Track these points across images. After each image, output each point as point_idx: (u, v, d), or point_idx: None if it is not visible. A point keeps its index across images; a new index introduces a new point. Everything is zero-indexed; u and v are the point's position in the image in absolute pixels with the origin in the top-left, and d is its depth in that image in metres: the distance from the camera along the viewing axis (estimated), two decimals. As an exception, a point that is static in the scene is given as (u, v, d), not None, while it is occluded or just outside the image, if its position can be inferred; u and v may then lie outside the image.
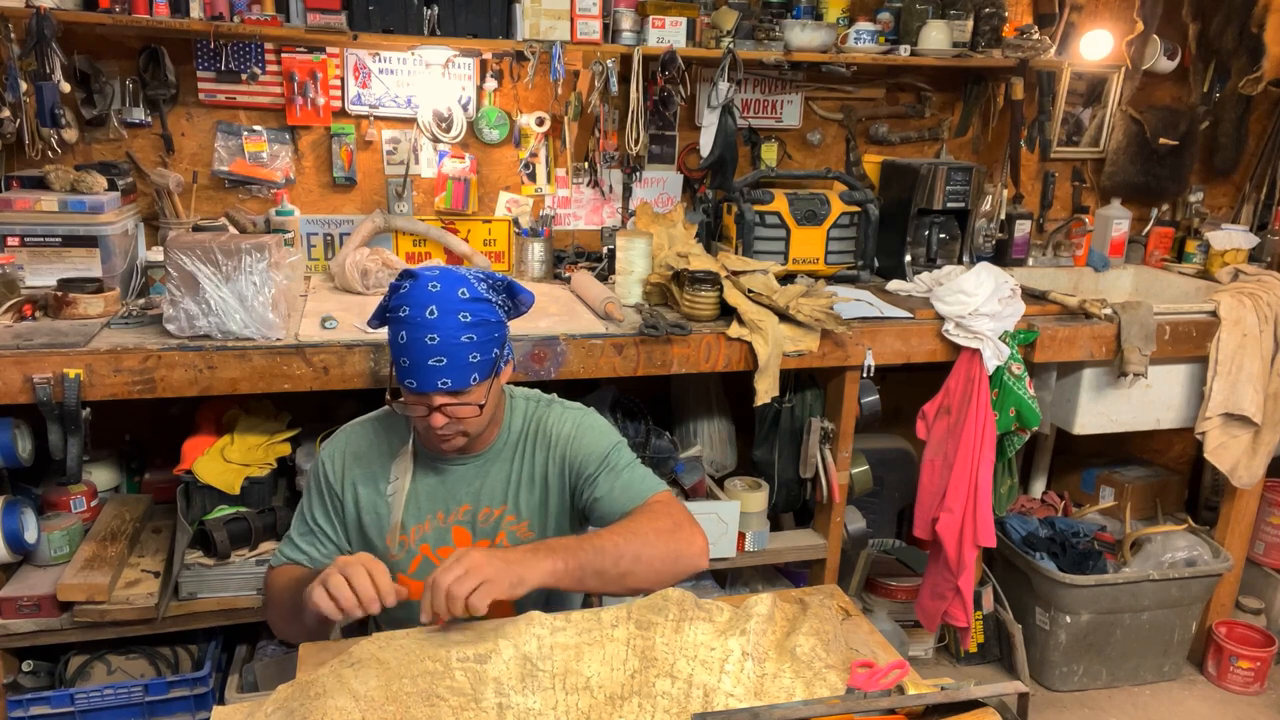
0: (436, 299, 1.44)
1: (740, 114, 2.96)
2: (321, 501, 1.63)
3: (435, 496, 1.61)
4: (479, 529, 1.62)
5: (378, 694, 1.16)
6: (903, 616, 2.94)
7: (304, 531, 1.63)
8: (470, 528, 1.62)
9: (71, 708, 2.12)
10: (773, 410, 2.55)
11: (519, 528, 1.63)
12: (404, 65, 2.69)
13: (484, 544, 1.61)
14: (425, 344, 1.43)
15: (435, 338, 1.43)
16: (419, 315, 1.44)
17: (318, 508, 1.63)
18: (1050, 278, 3.17)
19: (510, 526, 1.63)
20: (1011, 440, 2.59)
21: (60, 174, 2.28)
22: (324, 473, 1.62)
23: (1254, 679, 2.92)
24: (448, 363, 1.44)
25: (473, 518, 1.62)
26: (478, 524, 1.62)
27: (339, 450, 1.64)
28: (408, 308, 1.45)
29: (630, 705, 1.18)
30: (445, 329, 1.44)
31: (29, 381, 1.90)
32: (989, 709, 1.13)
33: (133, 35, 2.47)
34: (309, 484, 1.65)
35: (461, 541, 1.61)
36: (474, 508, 1.62)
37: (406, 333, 1.44)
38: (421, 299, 1.44)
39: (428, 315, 1.43)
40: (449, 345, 1.44)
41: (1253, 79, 3.24)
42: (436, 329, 1.43)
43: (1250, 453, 2.77)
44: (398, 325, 1.46)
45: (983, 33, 2.94)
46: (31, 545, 2.12)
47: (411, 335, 1.44)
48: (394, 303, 1.47)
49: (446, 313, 1.44)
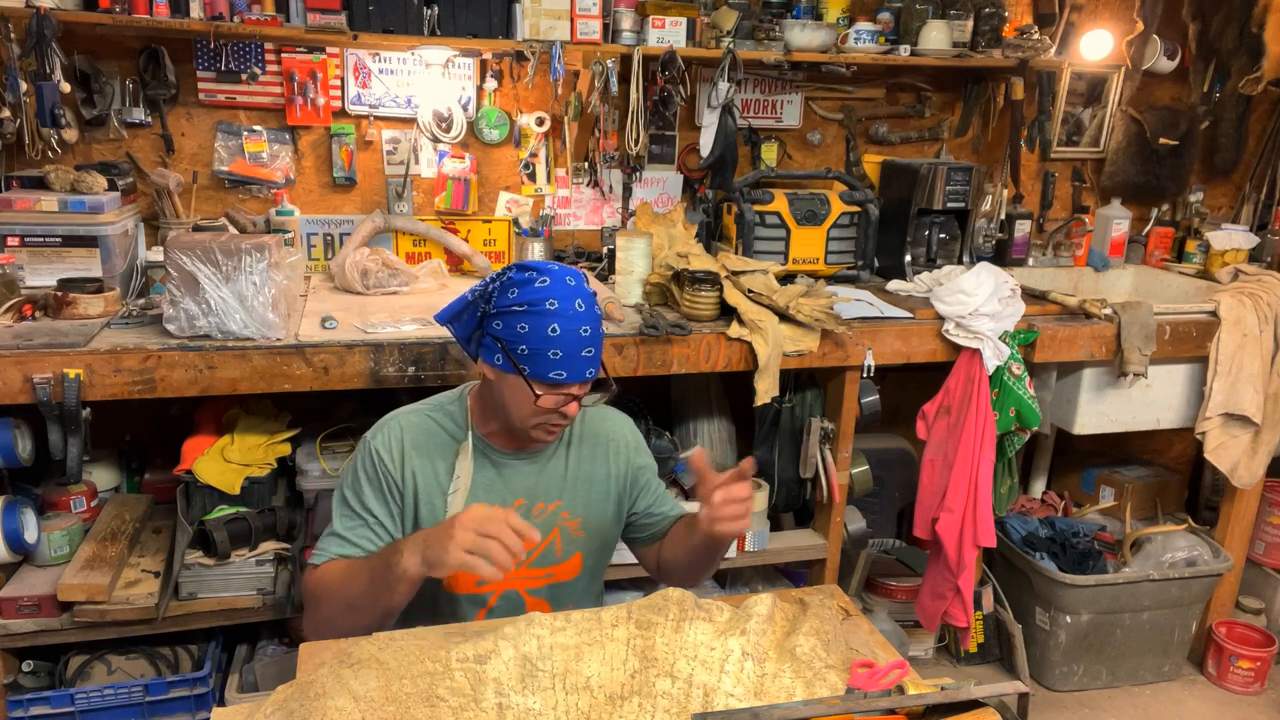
0: (579, 293, 1.49)
1: (740, 114, 2.96)
2: (378, 491, 1.59)
3: (492, 491, 1.62)
4: (532, 523, 1.59)
5: (377, 694, 1.16)
6: (903, 616, 2.94)
7: (354, 525, 1.58)
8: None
9: (71, 708, 2.12)
10: (773, 410, 2.55)
11: (572, 524, 1.67)
12: (404, 65, 2.69)
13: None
14: (580, 336, 1.48)
15: (588, 329, 1.49)
16: (569, 308, 1.47)
17: (373, 498, 1.59)
18: (1050, 278, 3.17)
19: (564, 522, 1.66)
20: (1011, 440, 2.59)
21: (60, 174, 2.28)
22: (381, 462, 1.59)
23: (1254, 679, 2.92)
24: (594, 353, 1.51)
25: (527, 511, 1.63)
26: (532, 518, 1.62)
27: (395, 440, 1.61)
28: (555, 300, 1.46)
29: (630, 705, 1.18)
30: (593, 321, 1.50)
31: (29, 381, 1.90)
32: (989, 709, 1.13)
33: (133, 35, 2.47)
34: (357, 475, 1.61)
35: None
36: (529, 502, 1.64)
37: (560, 325, 1.46)
38: (566, 292, 1.47)
39: (577, 308, 1.48)
40: (596, 336, 1.50)
41: (1253, 79, 3.24)
42: (588, 321, 1.49)
43: (1250, 453, 2.77)
44: (546, 318, 1.46)
45: (983, 33, 2.94)
46: (31, 545, 2.12)
47: (566, 327, 1.46)
48: (532, 295, 1.46)
49: (590, 305, 1.50)
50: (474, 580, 1.60)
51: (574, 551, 1.67)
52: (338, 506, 1.62)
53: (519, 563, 1.56)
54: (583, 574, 1.69)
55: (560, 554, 1.66)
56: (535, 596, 1.65)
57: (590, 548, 1.70)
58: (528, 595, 1.65)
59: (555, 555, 1.66)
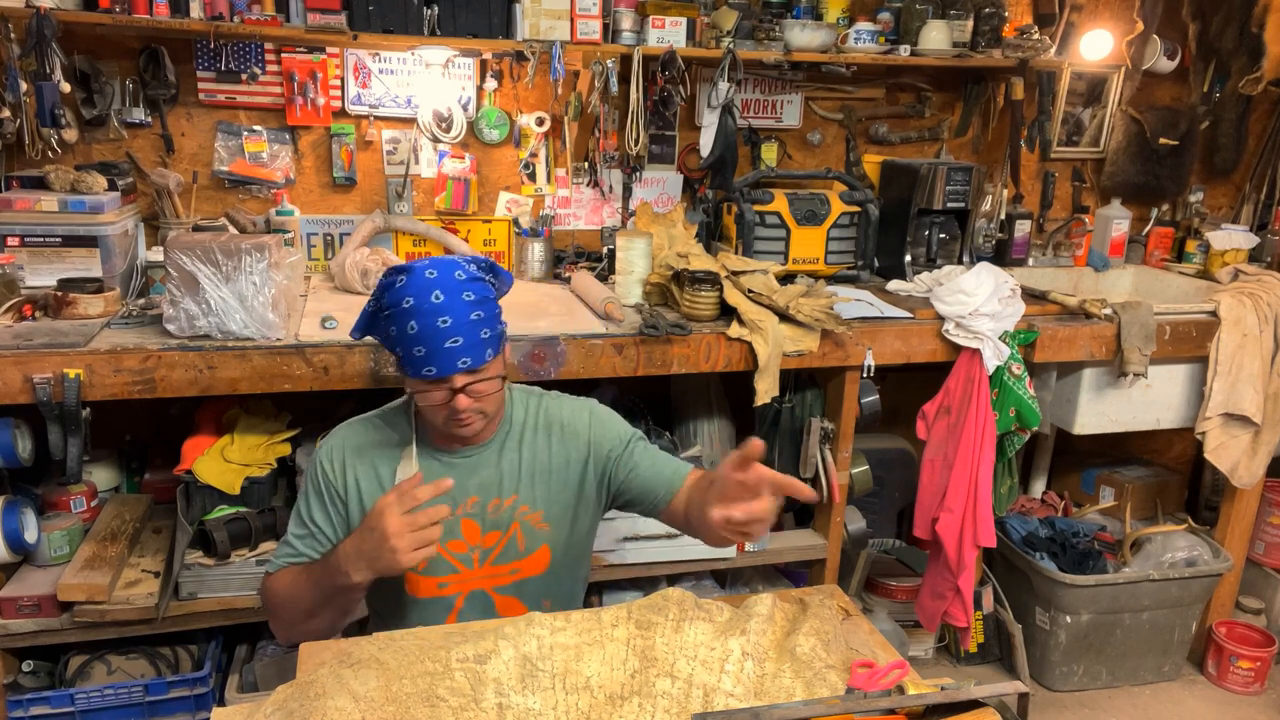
0: (438, 284, 1.46)
1: (740, 114, 2.96)
2: (320, 502, 1.61)
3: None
4: (489, 520, 1.62)
5: (377, 694, 1.16)
6: (903, 616, 2.94)
7: (303, 534, 1.61)
8: (479, 520, 1.62)
9: (71, 708, 2.12)
10: (773, 410, 2.55)
11: (533, 517, 1.64)
12: (404, 65, 2.69)
13: (494, 535, 1.62)
14: (439, 328, 1.44)
15: (447, 320, 1.45)
16: (425, 302, 1.44)
17: (316, 509, 1.61)
18: (1050, 278, 3.17)
19: (524, 516, 1.63)
20: (1011, 440, 2.59)
21: (60, 174, 2.28)
22: (322, 472, 1.62)
23: (1254, 679, 2.92)
24: (464, 341, 1.46)
25: (482, 509, 1.61)
26: (487, 515, 1.62)
27: (336, 448, 1.63)
28: (411, 298, 1.45)
29: (630, 705, 1.18)
30: (455, 310, 1.45)
31: (29, 381, 1.90)
32: (989, 709, 1.13)
33: (133, 35, 2.47)
34: (305, 486, 1.64)
35: (471, 534, 1.61)
36: (483, 499, 1.62)
37: (417, 321, 1.44)
38: (424, 286, 1.45)
39: (434, 300, 1.44)
40: (462, 324, 1.46)
41: (1253, 79, 3.24)
42: (447, 311, 1.45)
43: (1250, 453, 2.77)
44: (404, 317, 1.45)
45: (983, 33, 2.94)
46: (31, 545, 2.12)
47: (423, 323, 1.44)
48: (392, 298, 1.47)
49: (452, 294, 1.46)
50: (435, 583, 1.60)
51: (538, 544, 1.64)
52: (293, 514, 1.65)
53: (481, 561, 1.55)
54: (551, 567, 1.66)
55: (523, 548, 1.63)
56: (504, 595, 1.64)
57: (557, 539, 1.66)
58: (495, 594, 1.64)
59: (518, 550, 1.63)
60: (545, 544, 1.65)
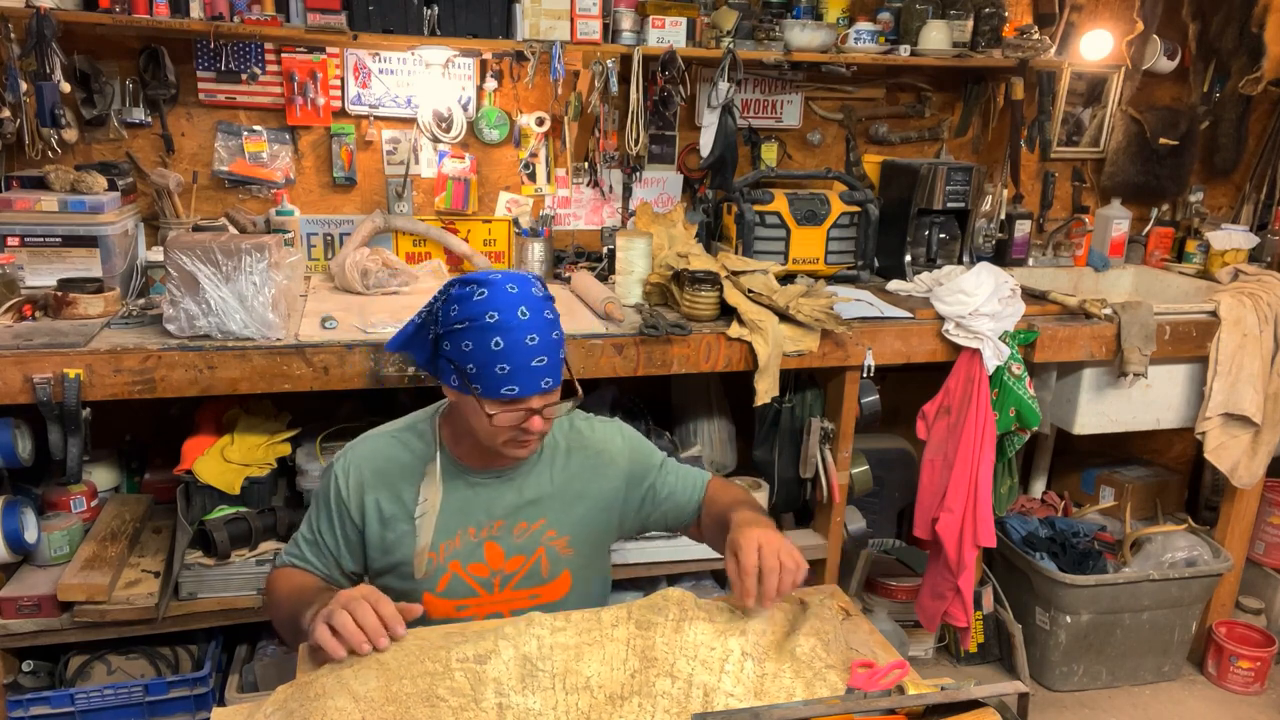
0: (522, 300, 1.40)
1: (740, 114, 2.96)
2: (328, 517, 1.57)
3: (466, 511, 1.54)
4: (514, 544, 1.56)
5: (377, 694, 1.16)
6: (903, 616, 2.94)
7: (310, 540, 1.58)
8: (504, 543, 1.55)
9: (71, 708, 2.12)
10: (773, 410, 2.54)
11: (559, 542, 1.58)
12: (404, 65, 2.69)
13: (518, 560, 1.56)
14: (527, 346, 1.38)
15: (535, 338, 1.39)
16: (511, 318, 1.38)
17: (323, 522, 1.57)
18: (1050, 278, 3.17)
19: (550, 541, 1.57)
20: (1011, 440, 2.59)
21: (60, 174, 2.28)
22: (335, 489, 1.56)
23: (1254, 679, 2.92)
24: (549, 361, 1.41)
25: (508, 532, 1.55)
26: (513, 538, 1.55)
27: (354, 466, 1.56)
28: (496, 312, 1.37)
29: (630, 705, 1.18)
30: (540, 327, 1.40)
31: (29, 381, 1.90)
32: (989, 709, 1.13)
33: (133, 35, 2.47)
34: (318, 494, 1.60)
35: (494, 557, 1.55)
36: (509, 522, 1.55)
37: (504, 338, 1.37)
38: (508, 301, 1.39)
39: (520, 316, 1.38)
40: (547, 344, 1.41)
41: (1253, 79, 3.24)
42: (534, 329, 1.39)
43: (1250, 453, 2.77)
44: (487, 332, 1.37)
45: (983, 33, 2.94)
46: (31, 545, 2.12)
47: (510, 339, 1.37)
48: (471, 310, 1.39)
49: (536, 311, 1.40)
50: (454, 606, 1.54)
51: (561, 570, 1.58)
52: (307, 514, 1.61)
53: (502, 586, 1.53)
54: (571, 593, 1.60)
55: (547, 574, 1.57)
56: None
57: (579, 565, 1.60)
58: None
59: (541, 575, 1.57)
60: (567, 569, 1.59)
